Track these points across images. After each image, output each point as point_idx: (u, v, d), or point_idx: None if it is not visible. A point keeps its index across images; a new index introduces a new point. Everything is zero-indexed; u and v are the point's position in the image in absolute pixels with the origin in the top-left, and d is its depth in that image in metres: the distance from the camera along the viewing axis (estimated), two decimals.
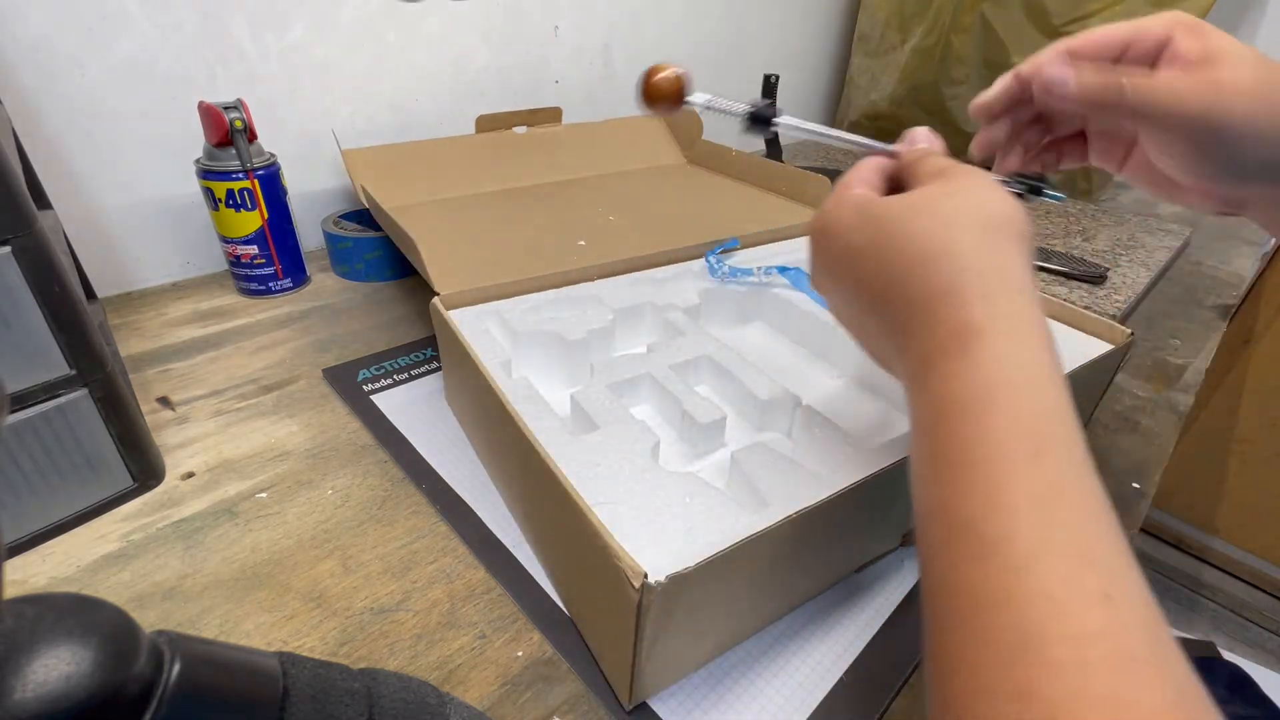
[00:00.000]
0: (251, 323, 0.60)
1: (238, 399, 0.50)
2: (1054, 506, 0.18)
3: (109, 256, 0.62)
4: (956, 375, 0.21)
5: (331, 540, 0.38)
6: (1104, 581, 0.17)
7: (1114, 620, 0.16)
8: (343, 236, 0.67)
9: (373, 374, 0.53)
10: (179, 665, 0.15)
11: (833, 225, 0.27)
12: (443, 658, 0.32)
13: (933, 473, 0.21)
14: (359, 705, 0.19)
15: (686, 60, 1.00)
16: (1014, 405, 0.20)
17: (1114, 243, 0.82)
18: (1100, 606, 0.16)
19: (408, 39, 0.72)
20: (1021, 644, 0.16)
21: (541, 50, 0.84)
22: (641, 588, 0.25)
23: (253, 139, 0.58)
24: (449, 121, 0.79)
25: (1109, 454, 0.49)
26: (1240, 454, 1.30)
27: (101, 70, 0.56)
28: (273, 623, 0.34)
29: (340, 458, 0.45)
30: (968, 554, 0.19)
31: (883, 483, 0.32)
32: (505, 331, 0.44)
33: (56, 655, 0.13)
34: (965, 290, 0.22)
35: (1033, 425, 0.20)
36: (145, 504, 0.40)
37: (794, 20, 1.15)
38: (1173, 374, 0.60)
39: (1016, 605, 0.17)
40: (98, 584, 0.35)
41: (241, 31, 0.62)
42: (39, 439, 0.36)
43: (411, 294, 0.66)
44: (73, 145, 0.57)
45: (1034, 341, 0.21)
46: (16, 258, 0.32)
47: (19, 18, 0.52)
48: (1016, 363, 0.21)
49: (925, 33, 1.05)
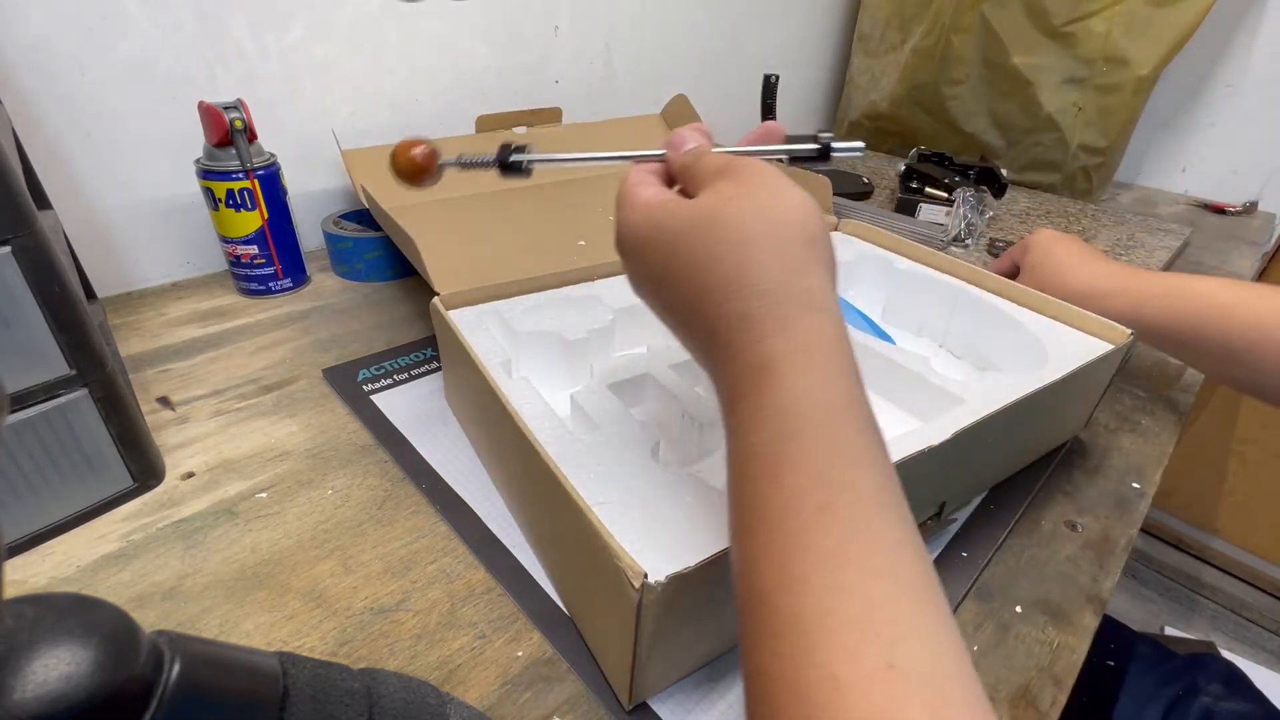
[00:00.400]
0: (251, 323, 0.60)
1: (238, 399, 0.50)
2: (841, 569, 0.18)
3: (109, 256, 0.62)
4: (752, 422, 0.21)
5: (331, 540, 0.38)
6: (887, 650, 0.17)
7: (895, 693, 0.16)
8: (343, 236, 0.67)
9: (373, 374, 0.53)
10: (179, 665, 0.15)
11: (630, 244, 0.26)
12: (443, 658, 0.32)
13: (739, 525, 0.21)
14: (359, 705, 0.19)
15: (686, 60, 1.01)
16: (805, 454, 0.20)
17: (1114, 243, 0.82)
18: (882, 680, 0.17)
19: (408, 39, 0.72)
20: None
21: (541, 50, 0.84)
22: (641, 588, 0.25)
23: (253, 139, 0.58)
24: (449, 122, 0.79)
25: (1109, 454, 0.49)
26: (1240, 454, 1.30)
27: (101, 70, 0.56)
28: (273, 623, 0.34)
29: (340, 458, 0.44)
30: (764, 631, 0.19)
31: None
32: (505, 331, 0.44)
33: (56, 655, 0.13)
34: (761, 318, 0.22)
35: (823, 473, 0.20)
36: (145, 504, 0.40)
37: (794, 20, 1.15)
38: (1173, 374, 0.60)
39: (804, 694, 0.17)
40: (98, 584, 0.35)
41: (241, 31, 0.62)
42: (39, 439, 0.36)
43: (411, 294, 0.66)
44: (73, 145, 0.57)
45: (830, 368, 0.21)
46: (16, 258, 0.32)
47: (19, 18, 0.52)
48: (811, 401, 0.21)
49: (925, 33, 1.05)
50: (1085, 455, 0.49)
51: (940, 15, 1.02)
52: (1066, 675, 0.34)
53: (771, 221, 0.23)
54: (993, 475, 0.44)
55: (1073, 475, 0.47)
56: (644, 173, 0.29)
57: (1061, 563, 0.40)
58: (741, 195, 0.24)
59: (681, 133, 0.29)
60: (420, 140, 0.32)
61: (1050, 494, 0.45)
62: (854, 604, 0.18)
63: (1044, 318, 0.48)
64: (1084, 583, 0.39)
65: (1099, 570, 0.40)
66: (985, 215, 0.81)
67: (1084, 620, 0.37)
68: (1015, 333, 0.47)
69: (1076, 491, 0.45)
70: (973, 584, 0.38)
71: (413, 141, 0.31)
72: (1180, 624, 1.33)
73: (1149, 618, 1.34)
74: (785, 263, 0.23)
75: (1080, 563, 0.40)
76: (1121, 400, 0.56)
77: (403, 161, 0.31)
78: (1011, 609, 0.37)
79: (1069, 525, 0.43)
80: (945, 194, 0.84)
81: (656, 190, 0.28)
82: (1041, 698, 0.32)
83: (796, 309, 0.22)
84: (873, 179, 1.00)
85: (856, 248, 0.59)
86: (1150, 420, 0.54)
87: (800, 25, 1.17)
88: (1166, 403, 0.56)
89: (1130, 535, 0.42)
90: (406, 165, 0.31)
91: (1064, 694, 0.33)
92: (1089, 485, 0.46)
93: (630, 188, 0.28)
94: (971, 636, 0.35)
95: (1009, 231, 0.84)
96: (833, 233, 0.63)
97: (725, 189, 0.24)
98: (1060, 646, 0.35)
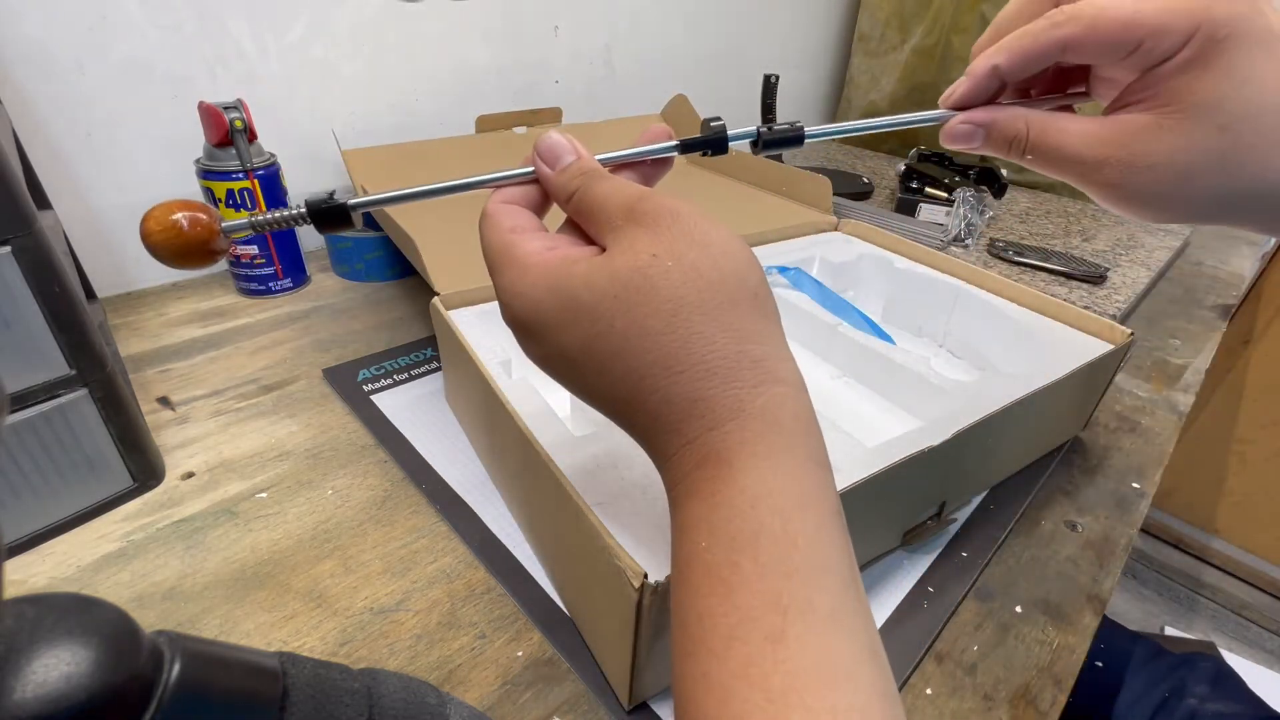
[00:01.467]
0: (251, 323, 0.60)
1: (238, 399, 0.50)
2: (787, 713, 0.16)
3: (109, 256, 0.62)
4: (703, 525, 0.19)
5: (331, 540, 0.38)
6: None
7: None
8: (343, 236, 0.67)
9: (373, 374, 0.53)
10: (179, 665, 0.15)
11: (528, 320, 0.22)
12: (443, 658, 0.32)
13: (680, 643, 0.19)
14: (359, 705, 0.19)
15: (686, 60, 1.01)
16: (759, 570, 0.18)
17: (1114, 243, 0.82)
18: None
19: (408, 39, 0.72)
20: None
21: (541, 50, 0.84)
22: (641, 588, 0.25)
23: (253, 139, 0.58)
24: (449, 122, 0.79)
25: (1109, 454, 0.49)
26: (1240, 454, 1.30)
27: (101, 70, 0.56)
28: (273, 623, 0.34)
29: (340, 458, 0.44)
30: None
31: (882, 482, 0.32)
32: (505, 331, 0.44)
33: (56, 655, 0.13)
34: (711, 401, 0.19)
35: (777, 595, 0.17)
36: (145, 504, 0.40)
37: (794, 20, 1.15)
38: (1173, 374, 0.60)
39: None
40: (98, 584, 0.35)
41: (241, 31, 0.62)
42: (39, 439, 0.36)
43: (411, 294, 0.66)
44: (73, 145, 0.57)
45: (792, 455, 0.19)
46: (16, 258, 0.32)
47: (19, 18, 0.52)
48: (769, 503, 0.18)
49: (925, 33, 1.05)
50: (1085, 455, 0.49)
51: (940, 15, 1.03)
52: (1066, 675, 0.34)
53: (708, 282, 0.20)
54: (993, 475, 0.44)
55: (1073, 475, 0.47)
56: (513, 211, 0.24)
57: (1061, 563, 0.40)
58: (665, 251, 0.20)
59: (551, 142, 0.24)
60: (189, 203, 0.23)
61: (1050, 494, 0.45)
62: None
63: (1044, 318, 0.48)
64: (1084, 583, 0.39)
65: (1099, 570, 0.40)
66: (985, 215, 0.81)
67: (1084, 620, 0.37)
68: (1015, 333, 0.47)
69: (1076, 491, 0.45)
70: (973, 584, 0.38)
71: (180, 205, 0.23)
72: (1180, 624, 1.33)
73: (1149, 618, 1.34)
74: (730, 331, 0.20)
75: (1080, 563, 0.40)
76: (1121, 400, 0.56)
77: (163, 237, 0.22)
78: (1011, 609, 0.37)
79: (1069, 525, 0.43)
80: (945, 194, 0.84)
81: (544, 241, 0.23)
82: (1042, 698, 0.32)
83: (750, 386, 0.19)
84: (873, 179, 1.00)
85: (856, 248, 0.59)
86: (1150, 420, 0.54)
87: (800, 25, 1.17)
88: (1166, 403, 0.56)
89: (1130, 535, 0.42)
90: (173, 242, 0.22)
91: (1064, 694, 0.33)
92: (1089, 485, 0.46)
93: (505, 238, 0.23)
94: (971, 636, 0.35)
95: (1009, 231, 0.84)
96: (833, 232, 0.63)
97: (642, 244, 0.20)
98: (1060, 646, 0.35)
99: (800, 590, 0.17)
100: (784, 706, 0.16)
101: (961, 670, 0.34)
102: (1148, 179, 0.24)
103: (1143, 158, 0.24)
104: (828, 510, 0.19)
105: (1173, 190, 0.24)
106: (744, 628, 0.17)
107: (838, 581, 0.18)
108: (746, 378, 0.19)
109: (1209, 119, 0.23)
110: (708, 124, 0.27)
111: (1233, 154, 0.23)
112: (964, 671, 0.33)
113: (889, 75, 1.13)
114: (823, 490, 0.20)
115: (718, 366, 0.19)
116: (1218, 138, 0.23)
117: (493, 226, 0.23)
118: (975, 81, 0.27)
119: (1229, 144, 0.23)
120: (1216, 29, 0.22)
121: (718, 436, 0.19)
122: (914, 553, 0.39)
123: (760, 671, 0.17)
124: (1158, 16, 0.23)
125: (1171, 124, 0.23)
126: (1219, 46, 0.22)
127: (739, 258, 0.21)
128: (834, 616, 0.17)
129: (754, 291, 0.21)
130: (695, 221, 0.21)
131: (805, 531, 0.18)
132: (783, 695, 0.16)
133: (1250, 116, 0.22)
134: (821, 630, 0.17)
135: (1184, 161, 0.24)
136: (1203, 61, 0.22)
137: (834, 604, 0.18)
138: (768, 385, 0.20)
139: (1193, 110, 0.23)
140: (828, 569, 0.18)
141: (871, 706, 0.16)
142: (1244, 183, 0.23)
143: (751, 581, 0.18)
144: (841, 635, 0.17)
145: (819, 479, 0.20)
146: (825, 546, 0.18)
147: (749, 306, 0.20)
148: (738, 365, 0.19)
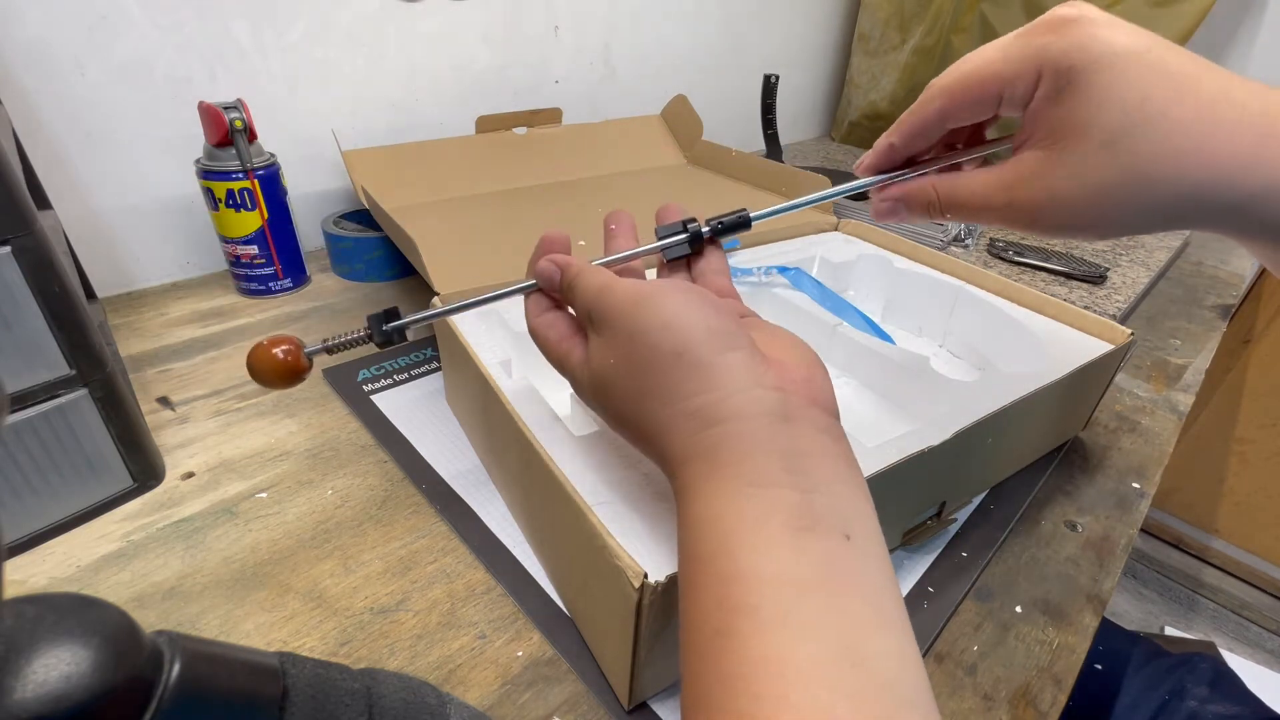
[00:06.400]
0: (251, 323, 0.60)
1: (238, 399, 0.50)
2: (734, 697, 0.18)
3: (109, 256, 0.62)
4: (680, 545, 0.22)
5: (331, 540, 0.38)
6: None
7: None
8: (343, 237, 0.67)
9: (373, 374, 0.53)
10: (179, 665, 0.15)
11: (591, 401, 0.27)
12: (443, 658, 0.32)
13: (680, 622, 0.22)
14: (359, 705, 0.19)
15: (686, 60, 1.01)
16: (709, 578, 0.20)
17: (1114, 243, 0.82)
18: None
19: (408, 39, 0.72)
20: None
21: (541, 50, 0.84)
22: (641, 588, 0.25)
23: (253, 139, 0.58)
24: (449, 122, 0.79)
25: (1109, 454, 0.49)
26: (1240, 454, 1.30)
27: (101, 70, 0.56)
28: (273, 623, 0.34)
29: (340, 458, 0.44)
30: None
31: (882, 482, 0.32)
32: (505, 331, 0.44)
33: (56, 655, 0.13)
34: (670, 455, 0.24)
35: (720, 598, 0.20)
36: (145, 504, 0.40)
37: (794, 20, 1.15)
38: (1173, 374, 0.60)
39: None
40: (98, 584, 0.35)
41: (241, 31, 0.62)
42: (39, 439, 0.36)
43: (411, 294, 0.66)
44: (73, 145, 0.57)
45: (732, 485, 0.21)
46: (16, 258, 0.32)
47: (19, 18, 0.52)
48: (714, 526, 0.21)
49: (925, 33, 1.05)
50: (1085, 455, 0.49)
51: (940, 15, 1.03)
52: (1066, 675, 0.34)
53: (644, 367, 0.24)
54: (993, 475, 0.44)
55: (1073, 475, 0.47)
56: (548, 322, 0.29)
57: (1061, 563, 0.40)
58: (615, 353, 0.25)
59: (538, 269, 0.30)
60: (282, 338, 0.28)
61: (1050, 494, 0.45)
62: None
63: (1044, 318, 0.48)
64: (1084, 583, 0.39)
65: (1099, 570, 0.40)
66: None
67: (1084, 620, 0.37)
68: (1015, 333, 0.47)
69: (1076, 491, 0.45)
70: (973, 584, 0.38)
71: (273, 341, 0.28)
72: (1180, 624, 1.33)
73: (1149, 618, 1.35)
74: (663, 398, 0.23)
75: (1080, 563, 0.40)
76: (1121, 400, 0.56)
77: (268, 366, 0.28)
78: (1011, 609, 0.37)
79: (1069, 525, 0.43)
80: None
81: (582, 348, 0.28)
82: (1042, 698, 0.32)
83: (690, 435, 0.23)
84: None
85: (856, 248, 0.59)
86: (1150, 420, 0.54)
87: (800, 25, 1.17)
88: (1166, 403, 0.56)
89: (1130, 535, 0.42)
90: (275, 369, 0.28)
91: (1064, 694, 0.33)
92: (1089, 485, 0.46)
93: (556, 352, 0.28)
94: (972, 636, 0.35)
95: (1008, 231, 0.84)
96: (833, 232, 0.63)
97: (597, 350, 0.26)
98: (1060, 647, 0.35)
99: (742, 596, 0.19)
100: (733, 694, 0.18)
101: (961, 670, 0.34)
102: (1060, 207, 0.25)
103: (1042, 191, 0.25)
104: (778, 524, 0.20)
105: (1091, 210, 0.25)
106: (699, 620, 0.20)
107: (790, 590, 0.19)
108: (686, 429, 0.23)
109: (1088, 140, 0.24)
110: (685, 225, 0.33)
111: (1133, 166, 0.23)
112: (964, 671, 0.33)
113: (889, 75, 1.13)
114: (770, 507, 0.21)
115: (665, 427, 0.24)
116: (1108, 155, 0.24)
117: (543, 342, 0.29)
118: (877, 156, 0.31)
119: (1125, 159, 0.23)
120: (1058, 63, 0.24)
121: (680, 477, 0.23)
122: (914, 553, 0.39)
123: (714, 659, 0.19)
124: (1006, 66, 0.25)
125: (1056, 154, 0.25)
126: (1067, 76, 0.24)
127: (673, 327, 0.24)
128: (785, 621, 0.19)
129: (679, 352, 0.23)
130: (635, 312, 0.24)
131: (744, 545, 0.20)
132: (732, 681, 0.18)
133: (1130, 128, 0.23)
134: (770, 631, 0.19)
135: (1089, 183, 0.24)
136: (1059, 93, 0.24)
137: (786, 609, 0.19)
138: (706, 429, 0.23)
139: (1070, 137, 0.24)
140: (777, 578, 0.19)
141: (837, 706, 0.17)
142: (1168, 188, 0.23)
143: (711, 586, 0.20)
144: (793, 637, 0.18)
145: (765, 499, 0.21)
146: (765, 557, 0.20)
147: (685, 371, 0.23)
148: (674, 423, 0.23)
